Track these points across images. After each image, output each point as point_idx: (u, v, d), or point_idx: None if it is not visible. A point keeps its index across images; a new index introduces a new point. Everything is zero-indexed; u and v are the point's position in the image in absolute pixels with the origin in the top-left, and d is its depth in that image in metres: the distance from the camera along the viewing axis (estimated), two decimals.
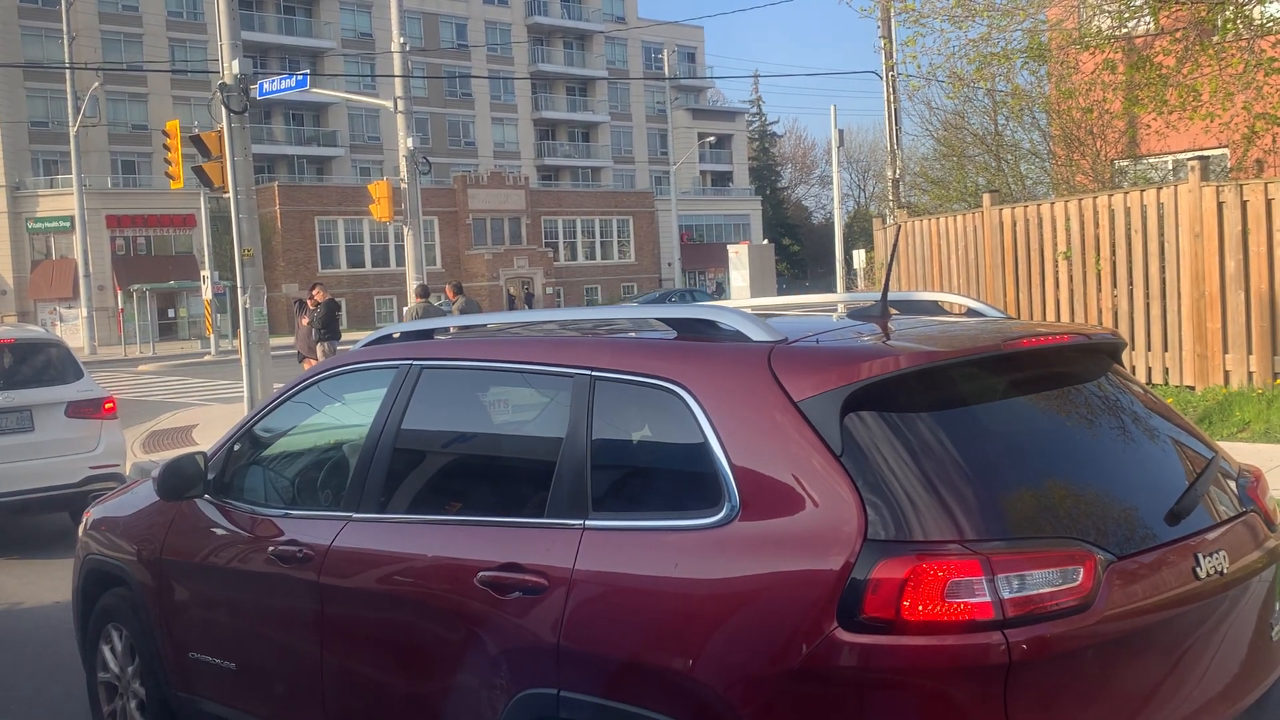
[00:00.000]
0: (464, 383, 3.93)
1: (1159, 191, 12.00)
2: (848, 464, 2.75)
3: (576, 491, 3.24)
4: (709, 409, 3.01)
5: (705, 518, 2.93)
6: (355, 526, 3.86)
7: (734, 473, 2.91)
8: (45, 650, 6.96)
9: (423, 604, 3.54)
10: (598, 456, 3.26)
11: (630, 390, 3.26)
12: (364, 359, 4.28)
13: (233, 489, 4.55)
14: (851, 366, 2.90)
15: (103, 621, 5.21)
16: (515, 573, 3.25)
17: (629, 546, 3.06)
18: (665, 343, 3.35)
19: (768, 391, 2.94)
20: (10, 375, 9.79)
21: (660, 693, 2.89)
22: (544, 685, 3.13)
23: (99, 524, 5.39)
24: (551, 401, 3.52)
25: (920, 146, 24.47)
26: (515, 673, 3.21)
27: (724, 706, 2.77)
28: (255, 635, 4.26)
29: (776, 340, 3.10)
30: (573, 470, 3.27)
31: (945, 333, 3.40)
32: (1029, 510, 2.79)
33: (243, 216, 15.51)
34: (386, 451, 3.87)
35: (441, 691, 3.47)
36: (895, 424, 2.82)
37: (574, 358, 3.45)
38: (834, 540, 2.68)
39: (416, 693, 3.59)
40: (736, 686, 2.76)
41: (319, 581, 3.87)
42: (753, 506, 2.86)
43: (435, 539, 3.60)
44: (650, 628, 2.94)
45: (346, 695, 3.87)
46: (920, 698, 2.58)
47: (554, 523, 3.26)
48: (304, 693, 4.02)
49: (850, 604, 2.62)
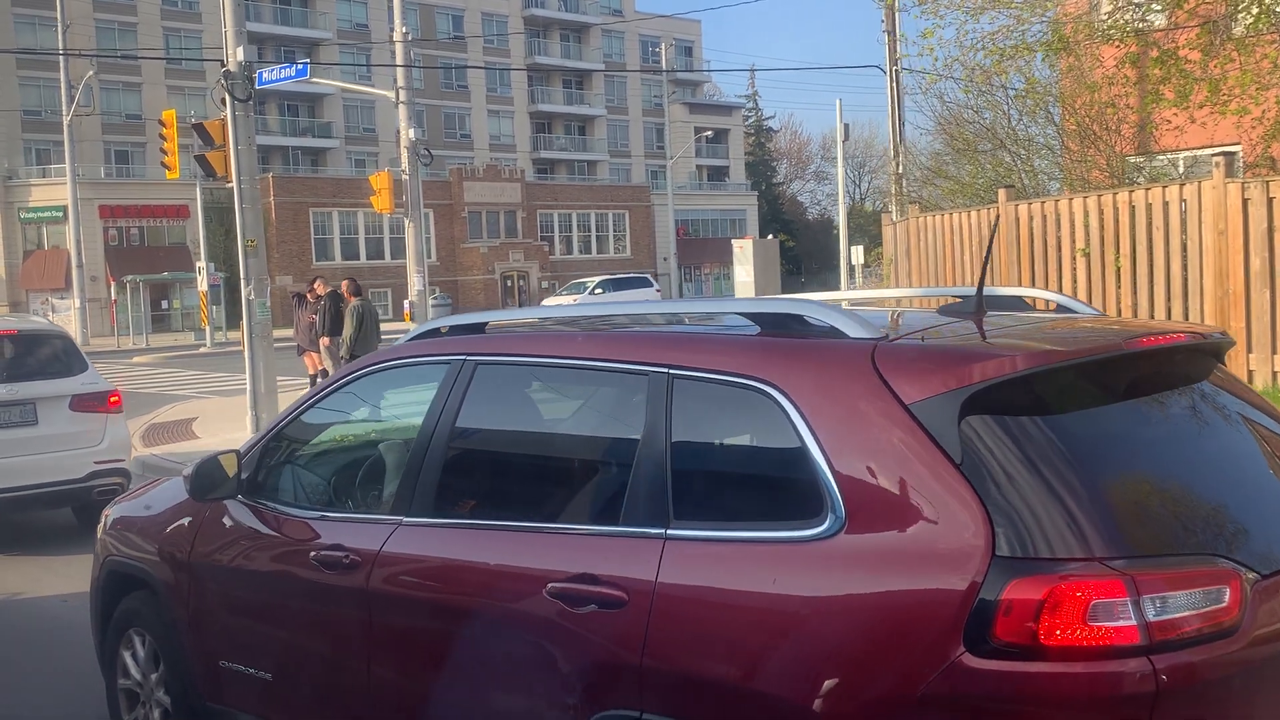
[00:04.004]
0: (523, 380, 3.70)
1: (1182, 188, 11.82)
2: (969, 473, 2.54)
3: (655, 498, 3.01)
4: (807, 412, 2.79)
5: (806, 529, 2.71)
6: (407, 531, 3.63)
7: (838, 481, 2.69)
8: (61, 648, 6.74)
9: (484, 615, 3.32)
10: (678, 461, 3.03)
11: (713, 390, 3.03)
12: (410, 354, 4.04)
13: (267, 489, 4.31)
14: (968, 367, 2.67)
15: (124, 626, 4.97)
16: (589, 584, 3.03)
17: (719, 559, 2.84)
18: (752, 339, 3.12)
19: (874, 393, 2.72)
20: (14, 367, 9.56)
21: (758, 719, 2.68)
22: (625, 707, 2.91)
23: (119, 524, 5.15)
24: (623, 401, 3.30)
25: (926, 141, 24.24)
26: (592, 692, 2.99)
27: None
28: (295, 645, 4.02)
29: (878, 337, 2.88)
30: (650, 475, 3.04)
31: (1055, 332, 3.18)
32: (1163, 524, 2.59)
33: (246, 206, 15.22)
34: (440, 452, 3.64)
35: (507, 711, 3.25)
36: (1016, 430, 2.60)
37: (649, 354, 3.21)
38: (958, 557, 2.47)
39: (476, 710, 3.36)
40: (846, 715, 2.55)
41: (367, 589, 3.64)
42: (860, 518, 2.64)
43: (497, 546, 3.37)
44: (746, 648, 2.72)
45: (396, 711, 3.64)
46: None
47: (631, 531, 3.03)
48: (348, 707, 3.79)
49: (979, 627, 2.40)
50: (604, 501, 3.21)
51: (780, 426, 2.83)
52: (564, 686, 3.06)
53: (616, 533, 3.07)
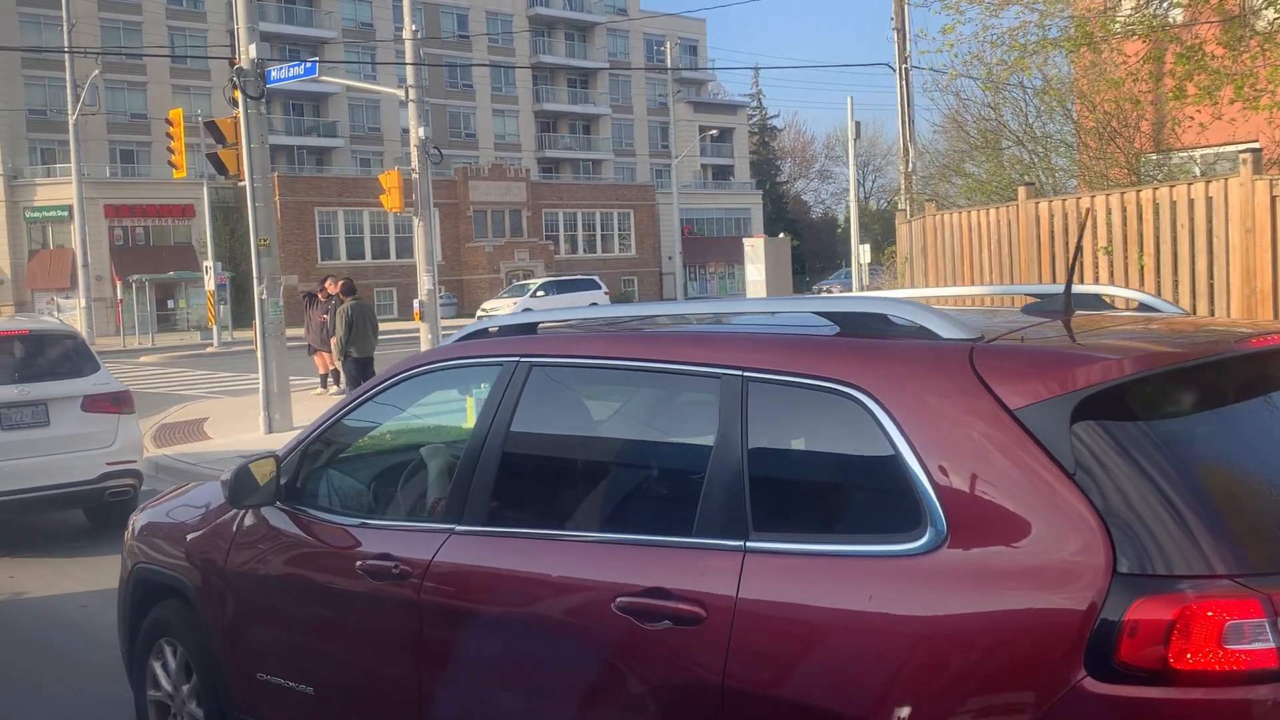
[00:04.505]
0: (582, 382, 3.54)
1: (1208, 185, 11.65)
2: (1083, 484, 2.38)
3: (732, 508, 2.85)
4: (900, 417, 2.62)
5: (904, 543, 2.54)
6: (460, 540, 3.47)
7: (937, 492, 2.52)
8: (81, 654, 6.59)
9: (544, 630, 3.15)
10: (756, 469, 2.86)
11: (793, 394, 2.86)
12: (458, 355, 3.88)
13: (307, 495, 4.15)
14: (1078, 370, 2.51)
15: (154, 635, 4.81)
16: (662, 599, 2.86)
17: (807, 575, 2.67)
18: (835, 340, 2.95)
19: (974, 398, 2.55)
20: (25, 368, 9.45)
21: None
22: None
23: (148, 530, 4.99)
24: (693, 405, 3.14)
25: (934, 139, 24.06)
26: (668, 715, 2.83)
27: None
28: (339, 658, 3.86)
29: (974, 338, 2.72)
30: (726, 484, 2.88)
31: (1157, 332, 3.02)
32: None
33: (259, 205, 15.10)
34: (494, 458, 3.48)
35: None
36: (1130, 437, 2.44)
37: (721, 355, 3.04)
38: (1075, 574, 2.30)
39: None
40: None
41: (418, 601, 3.48)
42: (964, 532, 2.47)
43: (559, 557, 3.20)
44: (840, 671, 2.55)
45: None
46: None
47: (707, 543, 2.87)
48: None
49: (1101, 649, 2.24)
50: (674, 511, 3.05)
51: (870, 433, 2.67)
52: (635, 707, 2.90)
53: (689, 544, 2.91)
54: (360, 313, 15.99)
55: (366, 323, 16.06)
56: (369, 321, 16.18)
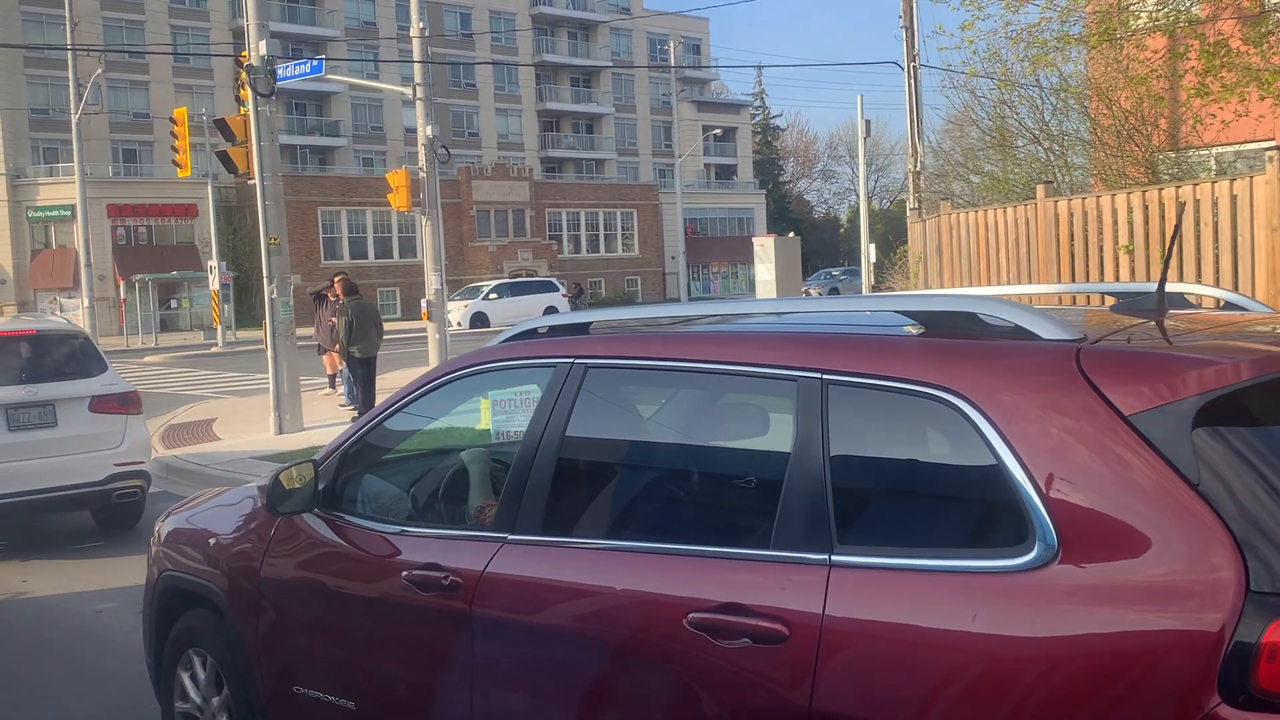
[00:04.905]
0: (644, 385, 3.38)
1: (1232, 183, 11.50)
2: (1208, 495, 2.22)
3: (814, 519, 2.69)
4: (1001, 423, 2.46)
5: (1009, 558, 2.38)
6: (514, 550, 3.31)
7: (1046, 504, 2.36)
8: (100, 660, 6.44)
9: (609, 646, 2.99)
10: (839, 478, 2.70)
11: (879, 398, 2.70)
12: (507, 357, 3.72)
13: (346, 501, 4.00)
14: (1196, 373, 2.35)
15: (182, 645, 4.65)
16: (740, 616, 2.70)
17: (901, 591, 2.51)
18: (924, 340, 2.78)
19: (1084, 403, 2.39)
20: (33, 368, 9.35)
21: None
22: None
23: (175, 536, 4.83)
24: (766, 409, 2.98)
25: (944, 139, 23.84)
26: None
27: None
28: (383, 672, 3.70)
29: (1078, 339, 2.56)
30: (807, 494, 2.71)
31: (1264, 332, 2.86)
32: None
33: (269, 203, 14.95)
34: (548, 464, 3.31)
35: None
36: (1254, 444, 2.28)
37: (797, 356, 2.88)
38: (1203, 592, 2.15)
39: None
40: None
41: (470, 614, 3.32)
42: (1077, 546, 2.31)
43: (623, 569, 3.04)
44: (943, 696, 2.39)
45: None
46: None
47: (786, 556, 2.70)
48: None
49: (1235, 675, 2.08)
50: (748, 522, 2.89)
51: (967, 440, 2.51)
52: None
53: (767, 557, 2.75)
54: (361, 312, 15.74)
55: (369, 322, 15.82)
56: (371, 321, 15.94)
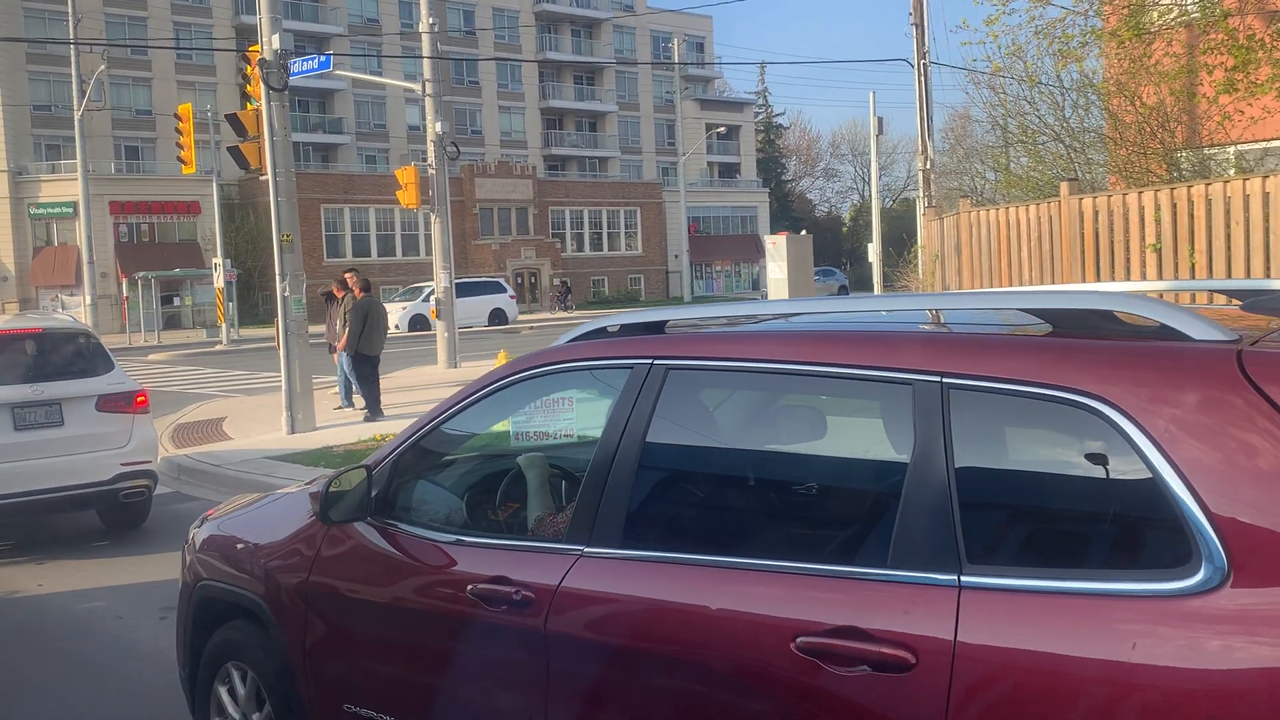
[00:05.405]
0: (734, 388, 3.15)
1: (1264, 180, 11.29)
2: None
3: (939, 537, 2.46)
4: (1156, 432, 2.24)
5: (1171, 581, 2.16)
6: (592, 564, 3.09)
7: (1213, 521, 2.14)
8: (119, 665, 6.22)
9: (704, 670, 2.77)
10: (966, 491, 2.47)
11: (1009, 403, 2.47)
12: (575, 357, 3.49)
13: (400, 508, 3.78)
14: None
15: (220, 659, 4.43)
16: (857, 640, 2.48)
17: (1045, 617, 2.28)
18: (1059, 341, 2.55)
19: (1252, 410, 2.17)
20: (39, 367, 9.19)
21: None
22: None
23: (212, 544, 4.61)
24: (877, 416, 2.76)
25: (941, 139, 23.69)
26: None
27: None
28: (444, 692, 3.47)
29: (1235, 339, 2.34)
30: (930, 508, 2.49)
31: None
32: None
33: (282, 199, 14.72)
34: (628, 472, 3.09)
35: None
36: None
37: (911, 357, 2.66)
38: None
39: None
40: None
41: (544, 631, 3.10)
42: (1252, 569, 2.09)
43: (720, 587, 2.81)
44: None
45: None
46: None
47: (908, 577, 2.48)
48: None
49: None
50: (860, 538, 2.67)
51: (1114, 450, 2.30)
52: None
53: (884, 577, 2.52)
54: (376, 310, 15.83)
55: (381, 320, 15.99)
56: (382, 319, 16.08)
